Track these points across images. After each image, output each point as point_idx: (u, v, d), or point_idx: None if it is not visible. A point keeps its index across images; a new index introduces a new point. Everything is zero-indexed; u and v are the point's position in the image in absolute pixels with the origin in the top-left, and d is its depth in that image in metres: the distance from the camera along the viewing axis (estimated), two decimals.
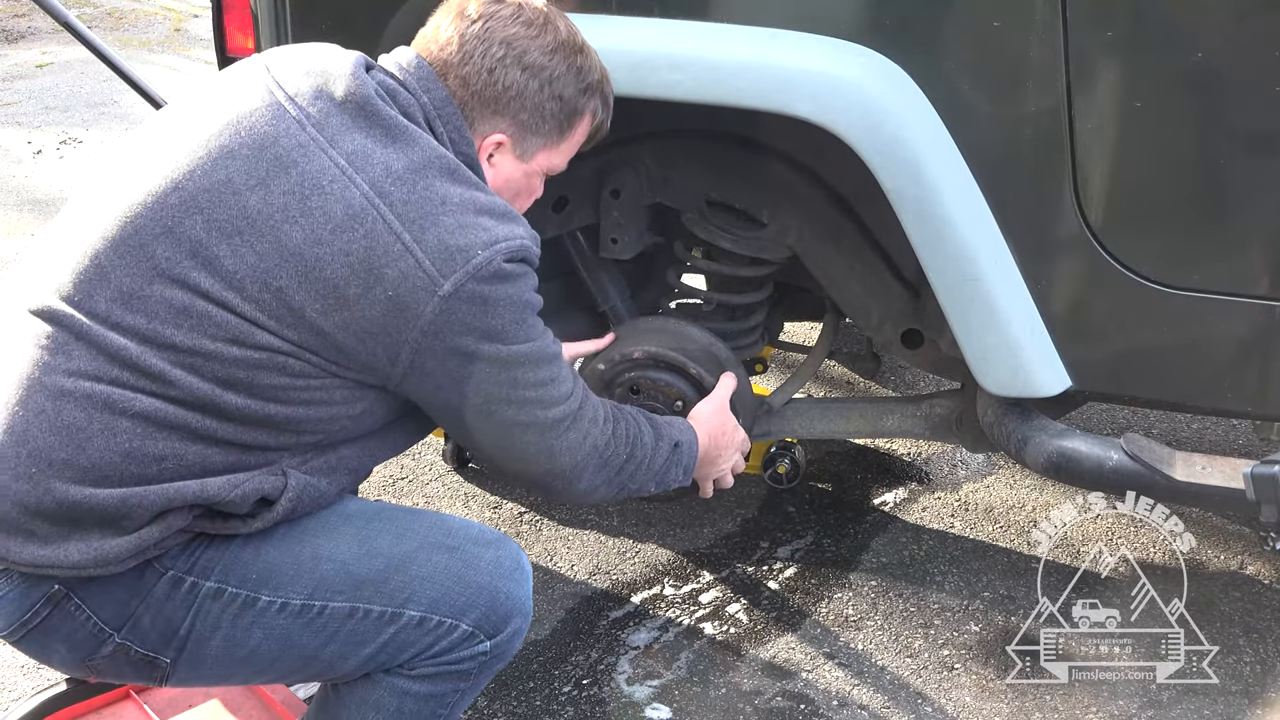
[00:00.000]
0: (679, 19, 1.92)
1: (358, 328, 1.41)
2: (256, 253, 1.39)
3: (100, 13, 7.97)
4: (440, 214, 1.43)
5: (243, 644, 1.50)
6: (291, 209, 1.40)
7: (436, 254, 1.41)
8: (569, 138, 1.65)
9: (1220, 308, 1.90)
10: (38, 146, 5.39)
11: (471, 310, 1.44)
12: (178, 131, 1.49)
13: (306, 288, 1.39)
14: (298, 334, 1.41)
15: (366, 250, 1.40)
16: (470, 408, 1.53)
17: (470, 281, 1.42)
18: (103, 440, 1.39)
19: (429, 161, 1.46)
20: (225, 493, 1.43)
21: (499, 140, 1.58)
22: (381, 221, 1.40)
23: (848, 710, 2.21)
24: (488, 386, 1.50)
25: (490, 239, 1.45)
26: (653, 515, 2.78)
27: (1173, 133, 1.84)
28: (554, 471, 1.63)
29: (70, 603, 1.44)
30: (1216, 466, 1.98)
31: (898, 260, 2.17)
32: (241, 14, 2.22)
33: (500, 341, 1.48)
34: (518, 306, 1.49)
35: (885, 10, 1.89)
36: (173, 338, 1.40)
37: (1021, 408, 2.10)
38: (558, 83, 1.58)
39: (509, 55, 1.55)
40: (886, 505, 2.83)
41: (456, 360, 1.46)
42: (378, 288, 1.40)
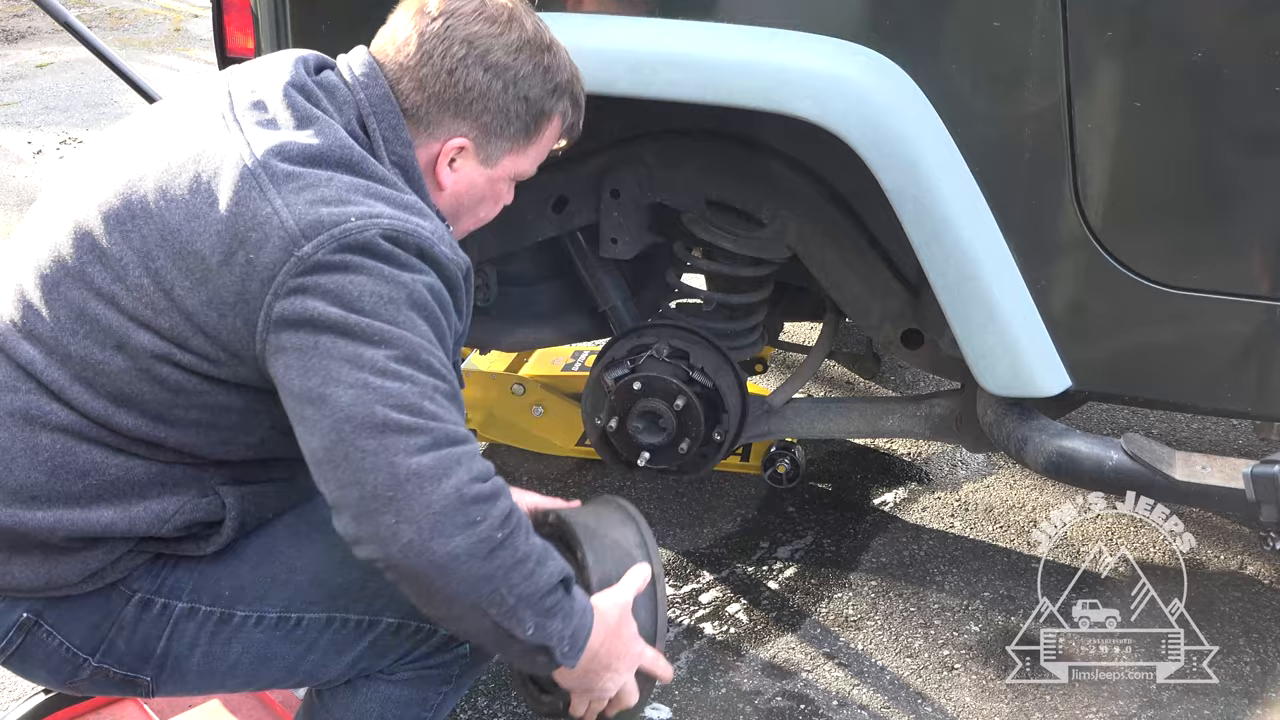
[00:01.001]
0: (680, 19, 1.92)
1: (219, 300, 1.31)
2: (142, 235, 1.35)
3: (100, 13, 7.97)
4: (321, 186, 1.33)
5: (222, 659, 1.49)
6: (181, 189, 1.35)
7: (303, 215, 1.30)
8: (536, 141, 1.53)
9: (1220, 308, 1.90)
10: (38, 146, 5.38)
11: (328, 275, 1.29)
12: (122, 142, 1.48)
13: (179, 264, 1.33)
14: (169, 321, 1.33)
15: (234, 215, 1.31)
16: (307, 393, 1.28)
17: (333, 245, 1.29)
18: (26, 459, 1.37)
19: (330, 149, 1.36)
20: (155, 529, 1.40)
21: (460, 144, 1.47)
22: (257, 189, 1.32)
23: (848, 710, 2.21)
24: (329, 361, 1.28)
25: (371, 213, 1.32)
26: (653, 515, 2.78)
27: (1173, 133, 1.85)
28: (400, 510, 1.26)
29: (41, 630, 1.43)
30: (1216, 466, 1.98)
31: (898, 260, 2.17)
32: (241, 14, 2.22)
33: (354, 310, 1.28)
34: (390, 285, 1.30)
35: (885, 10, 1.89)
36: (69, 347, 1.36)
37: (1021, 408, 2.10)
38: (523, 83, 1.47)
39: (470, 55, 1.44)
40: (886, 505, 2.83)
41: (306, 329, 1.29)
42: (239, 252, 1.30)
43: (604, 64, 1.92)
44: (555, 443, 2.90)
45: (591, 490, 2.87)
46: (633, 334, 2.36)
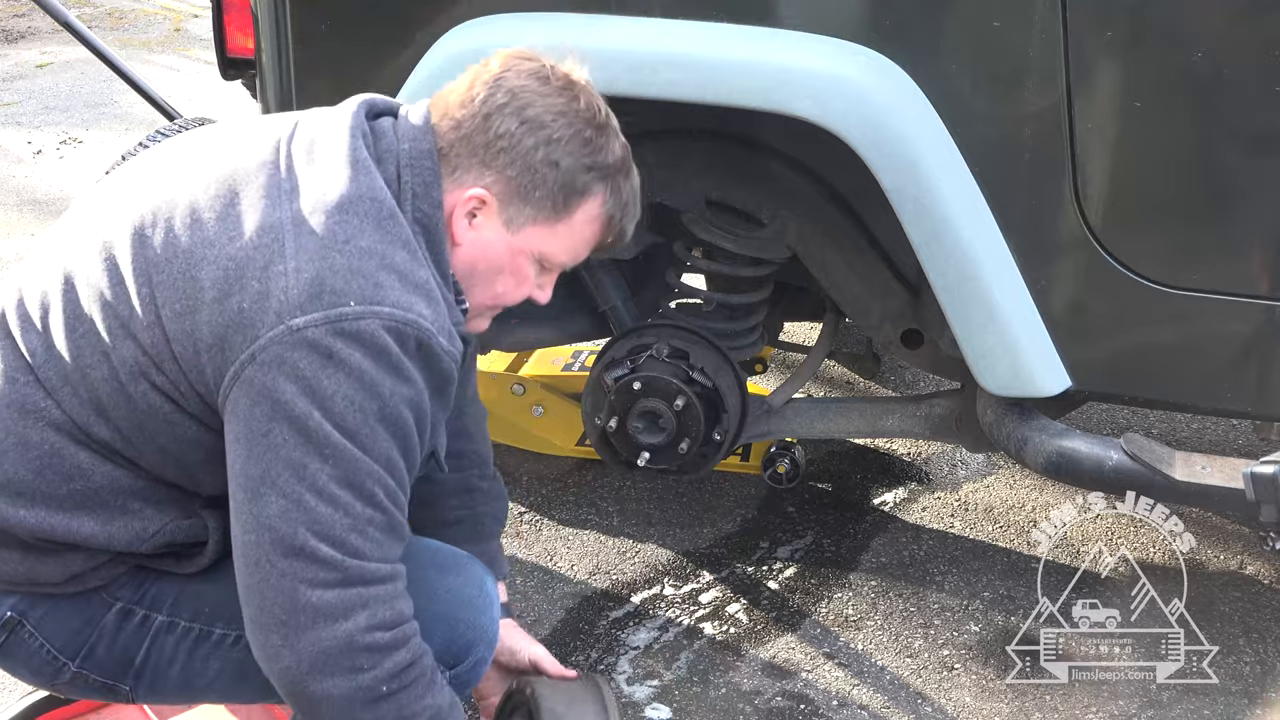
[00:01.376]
0: (680, 19, 1.92)
1: (199, 336, 1.28)
2: (157, 247, 1.33)
3: (100, 13, 7.97)
4: (335, 252, 1.27)
5: (201, 674, 1.49)
6: (214, 211, 1.33)
7: (308, 287, 1.25)
8: (566, 219, 1.43)
9: (1220, 308, 1.90)
10: (38, 146, 5.38)
11: (310, 358, 1.24)
12: (177, 153, 1.47)
13: (178, 285, 1.30)
14: (151, 337, 1.31)
15: (248, 260, 1.28)
16: (245, 479, 1.26)
17: (327, 327, 1.24)
18: (16, 454, 1.37)
19: (359, 198, 1.31)
20: (133, 545, 1.40)
21: (481, 196, 1.39)
22: (280, 243, 1.28)
23: (848, 710, 2.21)
24: (274, 460, 1.25)
25: (375, 297, 1.26)
26: (653, 515, 2.78)
27: (1173, 133, 1.85)
28: (288, 639, 1.28)
29: (24, 630, 1.44)
30: (1216, 466, 1.98)
31: (898, 260, 2.17)
32: (241, 14, 2.22)
33: (320, 409, 1.24)
34: (367, 392, 1.25)
35: (885, 10, 1.89)
36: (64, 345, 1.36)
37: (1021, 408, 2.10)
38: (556, 147, 1.38)
39: (511, 104, 1.38)
40: (886, 505, 2.83)
41: (265, 408, 1.25)
42: (235, 296, 1.27)
43: (604, 64, 1.90)
44: (555, 443, 2.90)
45: (591, 490, 2.87)
46: (633, 334, 2.36)
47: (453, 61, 1.97)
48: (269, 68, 2.14)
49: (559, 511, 2.80)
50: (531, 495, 2.87)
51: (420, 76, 1.99)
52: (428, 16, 2.02)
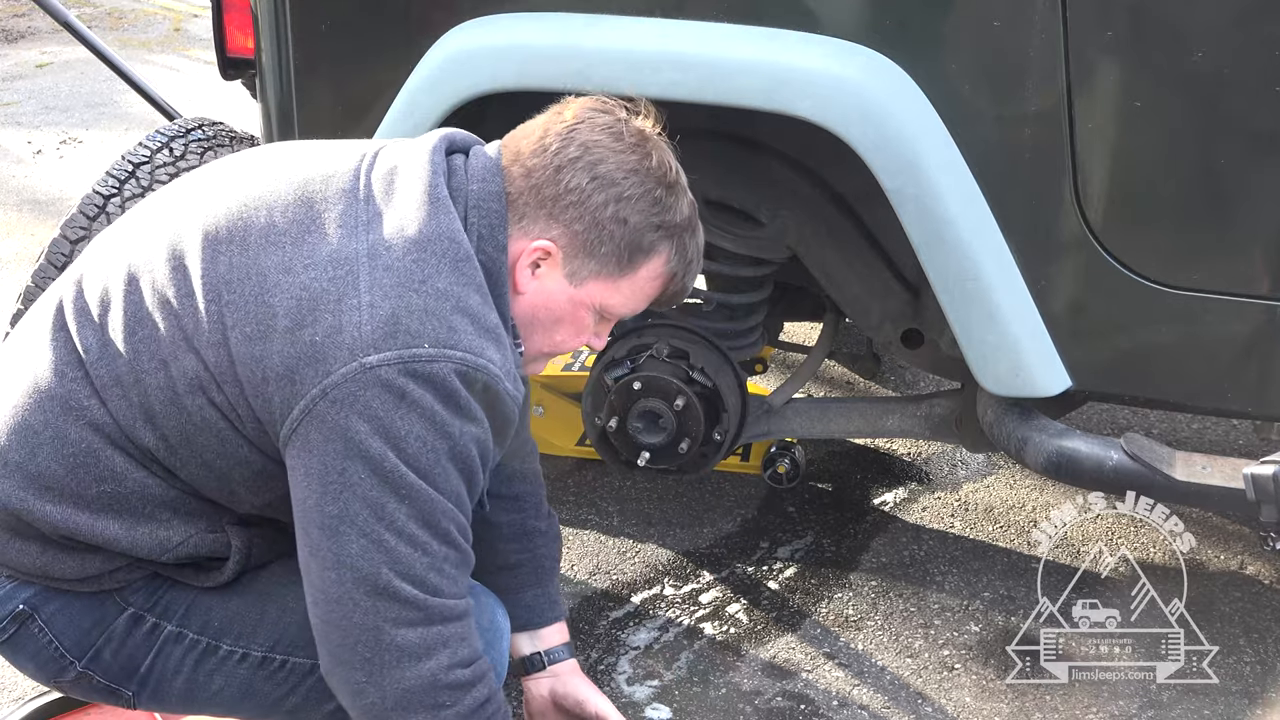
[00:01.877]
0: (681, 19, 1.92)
1: (269, 364, 1.28)
2: (229, 263, 1.33)
3: (100, 13, 7.96)
4: (412, 292, 1.28)
5: (205, 688, 1.49)
6: (289, 235, 1.33)
7: (383, 324, 1.26)
8: (631, 276, 1.43)
9: (1220, 308, 1.90)
10: (38, 146, 5.38)
11: (383, 398, 1.25)
12: (256, 164, 1.46)
13: (249, 308, 1.30)
14: (215, 355, 1.31)
15: (322, 292, 1.28)
16: (322, 516, 1.28)
17: (400, 367, 1.25)
18: (52, 448, 1.37)
19: (437, 238, 1.32)
20: (156, 554, 1.40)
21: (546, 249, 1.39)
22: (354, 276, 1.29)
23: (848, 710, 2.21)
24: (352, 499, 1.27)
25: (450, 340, 1.28)
26: (653, 515, 2.78)
27: (1173, 133, 1.85)
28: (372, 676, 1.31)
29: (34, 624, 1.44)
30: (1216, 466, 1.98)
31: (898, 260, 2.17)
32: (241, 14, 2.22)
33: (395, 450, 1.26)
34: (439, 432, 1.27)
35: (885, 10, 1.89)
36: (122, 346, 1.35)
37: (1021, 407, 2.10)
38: (626, 204, 1.39)
39: (583, 159, 1.38)
40: (886, 505, 2.83)
41: (338, 445, 1.26)
42: (309, 329, 1.27)
43: (604, 64, 1.92)
44: (555, 443, 2.90)
45: (591, 490, 2.87)
46: (633, 334, 2.36)
47: (452, 61, 1.97)
48: (269, 68, 2.14)
49: (559, 511, 2.77)
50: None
51: (420, 76, 1.99)
52: (427, 16, 2.02)
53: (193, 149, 2.68)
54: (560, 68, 1.93)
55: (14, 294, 2.64)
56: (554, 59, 1.94)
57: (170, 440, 1.35)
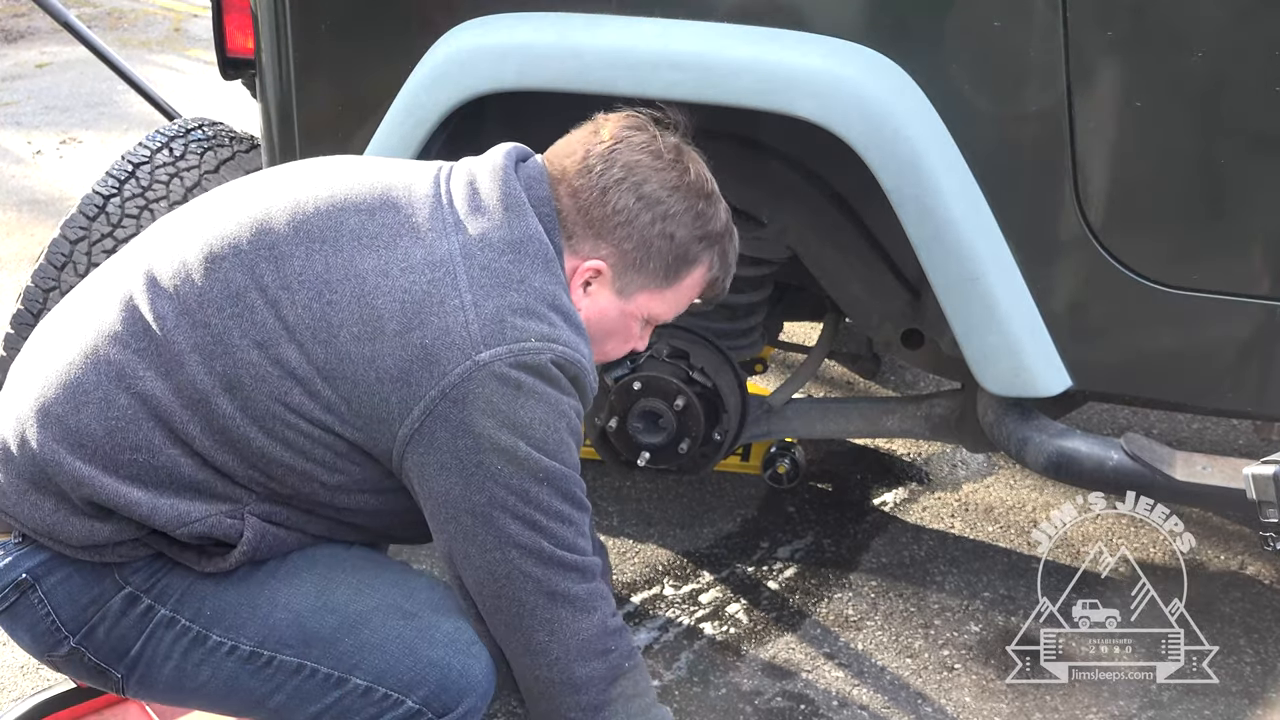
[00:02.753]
0: (680, 19, 1.92)
1: (382, 365, 1.35)
2: (326, 263, 1.39)
3: (100, 13, 7.96)
4: (512, 290, 1.38)
5: (192, 678, 1.49)
6: (381, 239, 1.40)
7: (490, 321, 1.35)
8: (676, 285, 1.53)
9: (1220, 308, 1.90)
10: (38, 146, 5.38)
11: (502, 391, 1.34)
12: (336, 167, 1.52)
13: (353, 309, 1.36)
14: (324, 353, 1.36)
15: (425, 295, 1.36)
16: (470, 505, 1.38)
17: (511, 360, 1.34)
18: (97, 408, 1.39)
19: (528, 239, 1.41)
20: (171, 526, 1.41)
21: (597, 268, 1.48)
22: (452, 275, 1.37)
23: (848, 710, 2.21)
24: (496, 486, 1.36)
25: (551, 335, 1.37)
26: (653, 515, 2.78)
27: (1173, 133, 1.85)
28: (554, 631, 1.42)
29: (34, 594, 1.45)
30: (1217, 466, 1.98)
31: (898, 260, 2.17)
32: (241, 14, 2.22)
33: (524, 439, 1.36)
34: (555, 412, 1.38)
35: (886, 10, 1.89)
36: (210, 317, 1.38)
37: (1021, 408, 2.10)
38: (672, 221, 1.47)
39: (628, 180, 1.46)
40: (886, 505, 2.83)
41: (469, 441, 1.35)
42: (417, 331, 1.35)
43: (604, 64, 1.92)
44: None
45: (591, 490, 2.86)
46: None
47: (452, 61, 1.97)
48: (269, 68, 2.14)
49: None
50: None
51: (420, 76, 1.99)
52: (427, 16, 2.02)
53: (193, 149, 2.68)
54: (560, 67, 1.93)
55: (14, 294, 2.64)
56: (554, 59, 1.93)
57: (252, 412, 1.38)
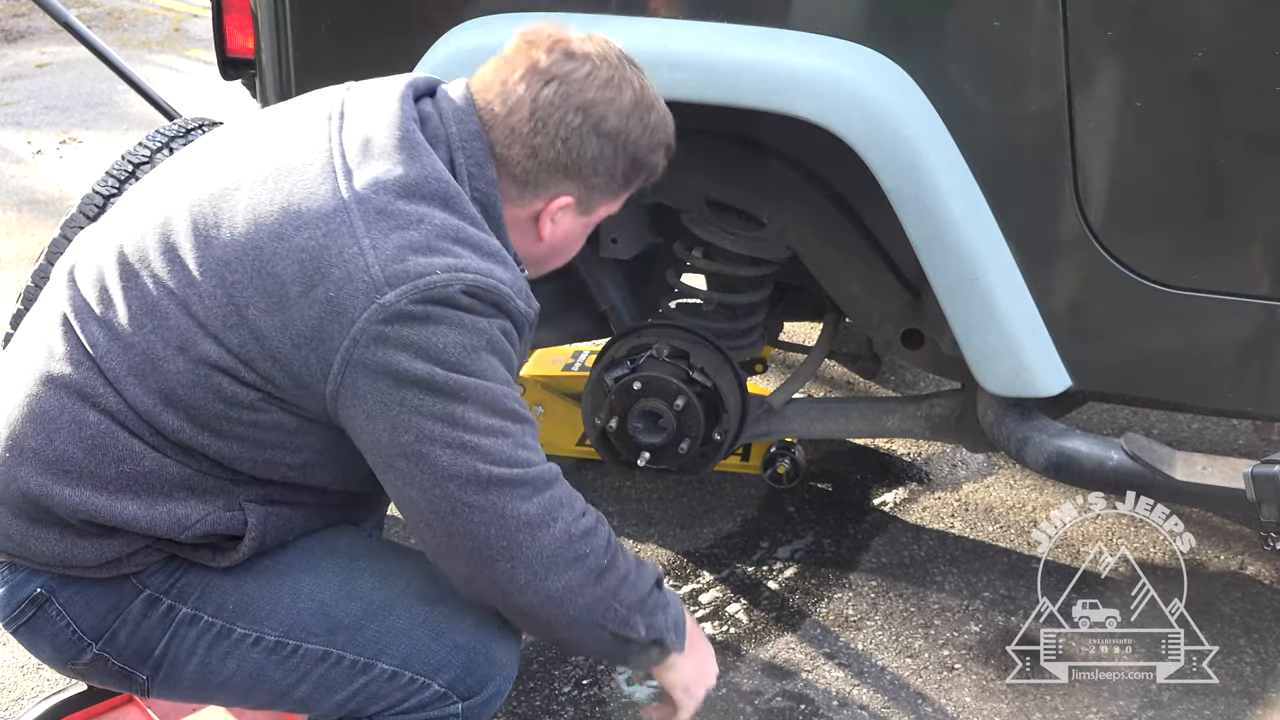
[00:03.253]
0: (681, 19, 1.92)
1: (294, 331, 1.32)
2: (224, 245, 1.36)
3: (100, 13, 7.97)
4: (410, 229, 1.34)
5: (217, 672, 1.49)
6: (274, 205, 1.36)
7: (390, 262, 1.31)
8: (630, 188, 1.57)
9: (1220, 308, 1.90)
10: (38, 146, 5.38)
11: (409, 326, 1.31)
12: (225, 143, 1.50)
13: (256, 283, 1.34)
14: (238, 338, 1.34)
15: (321, 248, 1.32)
16: (400, 447, 1.33)
17: (417, 296, 1.30)
18: (70, 431, 1.39)
19: (425, 180, 1.37)
20: (174, 533, 1.41)
21: (566, 203, 1.50)
22: (347, 223, 1.33)
23: (848, 710, 2.21)
24: (420, 419, 1.32)
25: (457, 265, 1.33)
26: (653, 515, 2.78)
27: (1173, 133, 1.85)
28: (516, 556, 1.36)
29: (52, 607, 1.45)
30: (1217, 466, 1.98)
31: (898, 260, 2.17)
32: (241, 14, 2.22)
33: (438, 364, 1.32)
34: (469, 333, 1.33)
35: (886, 10, 1.89)
36: (133, 338, 1.38)
37: (1021, 408, 2.10)
38: (633, 145, 1.49)
39: (585, 123, 1.44)
40: (886, 505, 2.83)
41: (388, 381, 1.31)
42: (320, 287, 1.31)
43: None
44: (555, 443, 2.90)
45: (591, 490, 2.87)
46: (633, 334, 2.36)
47: (452, 62, 1.97)
48: (269, 68, 2.14)
49: None
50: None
51: None
52: (427, 16, 2.02)
53: None
54: None
55: (14, 294, 2.64)
56: None
57: (198, 420, 1.38)
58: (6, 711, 2.19)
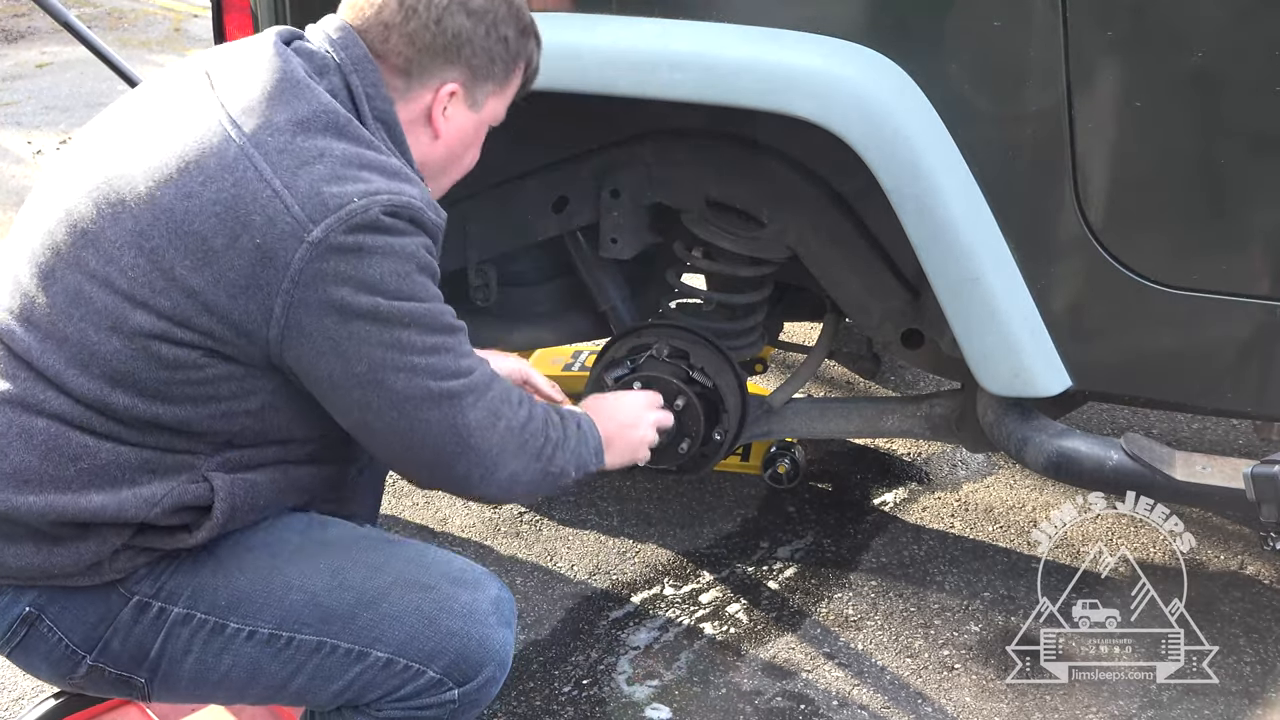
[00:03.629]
0: (681, 19, 1.92)
1: (227, 282, 1.35)
2: (134, 216, 1.38)
3: (100, 13, 7.97)
4: (316, 163, 1.38)
5: (214, 669, 1.50)
6: (170, 169, 1.39)
7: (307, 199, 1.35)
8: (512, 82, 1.62)
9: (1220, 308, 1.89)
10: (38, 146, 5.38)
11: (345, 260, 1.36)
12: (106, 128, 1.52)
13: (177, 244, 1.36)
14: (170, 301, 1.36)
15: (234, 198, 1.35)
16: (355, 378, 1.40)
17: (341, 228, 1.35)
18: (21, 443, 1.39)
19: (315, 115, 1.41)
20: (143, 512, 1.41)
21: (452, 90, 1.54)
22: (253, 169, 1.36)
23: (848, 710, 2.21)
24: (370, 349, 1.39)
25: (370, 190, 1.38)
26: (653, 515, 2.78)
27: (1173, 133, 1.84)
28: (470, 458, 1.49)
29: (43, 624, 1.46)
30: (1216, 466, 1.98)
31: (898, 260, 2.17)
32: (241, 14, 2.22)
33: (380, 294, 1.38)
34: (400, 258, 1.40)
35: (885, 10, 1.89)
36: (65, 329, 1.39)
37: (1021, 408, 2.10)
38: (502, 24, 1.55)
39: (453, 3, 1.51)
40: (886, 505, 2.83)
41: (334, 318, 1.37)
42: (244, 236, 1.34)
43: (604, 64, 1.92)
44: None
45: (591, 490, 2.87)
46: (633, 334, 2.36)
47: None
48: None
49: (559, 511, 2.80)
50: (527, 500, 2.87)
51: None
52: None
53: None
54: (559, 68, 1.92)
55: None
56: (553, 59, 1.92)
57: (147, 392, 1.39)
58: (6, 711, 2.19)
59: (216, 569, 1.49)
